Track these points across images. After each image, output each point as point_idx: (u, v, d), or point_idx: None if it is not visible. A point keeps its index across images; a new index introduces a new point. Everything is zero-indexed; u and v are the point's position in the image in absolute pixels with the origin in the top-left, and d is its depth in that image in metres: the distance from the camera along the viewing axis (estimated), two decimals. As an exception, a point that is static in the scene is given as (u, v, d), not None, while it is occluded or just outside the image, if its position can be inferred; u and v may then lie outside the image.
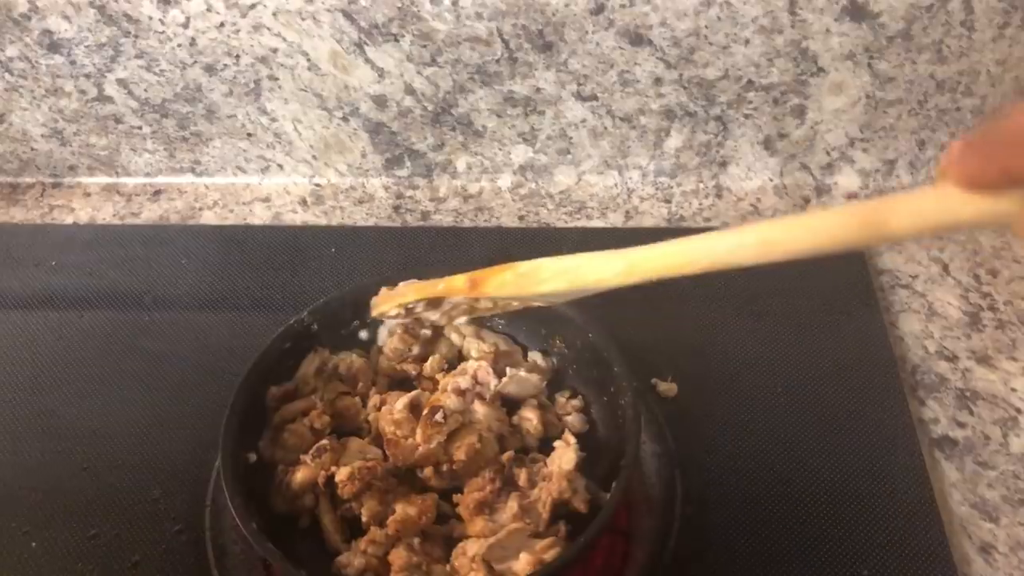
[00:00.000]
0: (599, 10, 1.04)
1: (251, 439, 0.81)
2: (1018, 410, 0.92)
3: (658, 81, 1.11)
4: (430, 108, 1.16)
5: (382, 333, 0.91)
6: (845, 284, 1.06)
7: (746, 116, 1.14)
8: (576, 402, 0.87)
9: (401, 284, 0.79)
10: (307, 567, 0.69)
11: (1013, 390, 0.94)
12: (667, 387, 0.95)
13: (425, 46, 1.09)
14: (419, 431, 0.79)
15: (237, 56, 1.12)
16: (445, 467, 0.79)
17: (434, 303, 0.76)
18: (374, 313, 0.80)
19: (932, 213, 0.54)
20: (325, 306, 0.89)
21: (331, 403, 0.86)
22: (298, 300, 1.06)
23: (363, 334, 0.91)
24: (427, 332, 0.90)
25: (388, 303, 0.79)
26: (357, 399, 0.87)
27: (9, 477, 0.91)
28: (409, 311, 0.78)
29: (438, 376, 0.88)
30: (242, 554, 0.83)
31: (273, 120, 1.19)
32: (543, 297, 0.70)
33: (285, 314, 0.88)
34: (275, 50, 1.12)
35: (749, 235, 0.59)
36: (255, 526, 0.71)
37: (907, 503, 0.84)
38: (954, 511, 0.85)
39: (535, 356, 0.90)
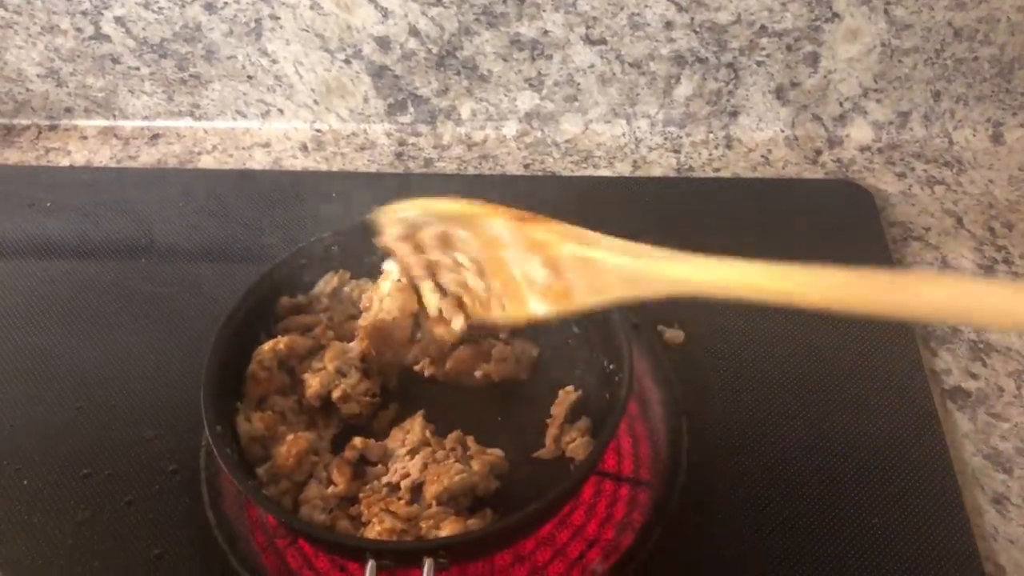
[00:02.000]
0: (610, -51, 1.01)
1: (251, 341, 0.80)
2: (1033, 362, 0.91)
3: (669, 25, 1.08)
4: (434, 51, 1.13)
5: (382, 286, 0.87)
6: (857, 236, 1.04)
7: (758, 63, 1.11)
8: (583, 423, 0.80)
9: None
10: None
11: (1028, 342, 0.92)
12: (674, 334, 0.93)
13: (430, -15, 1.06)
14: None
15: (237, -7, 1.10)
16: None
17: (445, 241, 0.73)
18: (385, 232, 0.76)
19: None
20: (349, 230, 0.87)
21: (339, 324, 0.84)
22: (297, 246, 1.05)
23: (386, 265, 0.89)
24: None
25: (402, 212, 0.74)
26: None
27: (1, 416, 0.89)
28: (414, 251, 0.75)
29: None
30: (237, 495, 0.81)
31: (274, 62, 1.17)
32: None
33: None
34: (276, -13, 1.09)
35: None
36: (219, 428, 0.72)
37: (919, 454, 0.82)
38: (967, 462, 0.83)
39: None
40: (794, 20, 1.06)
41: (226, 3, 1.10)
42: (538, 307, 0.69)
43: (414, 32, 1.11)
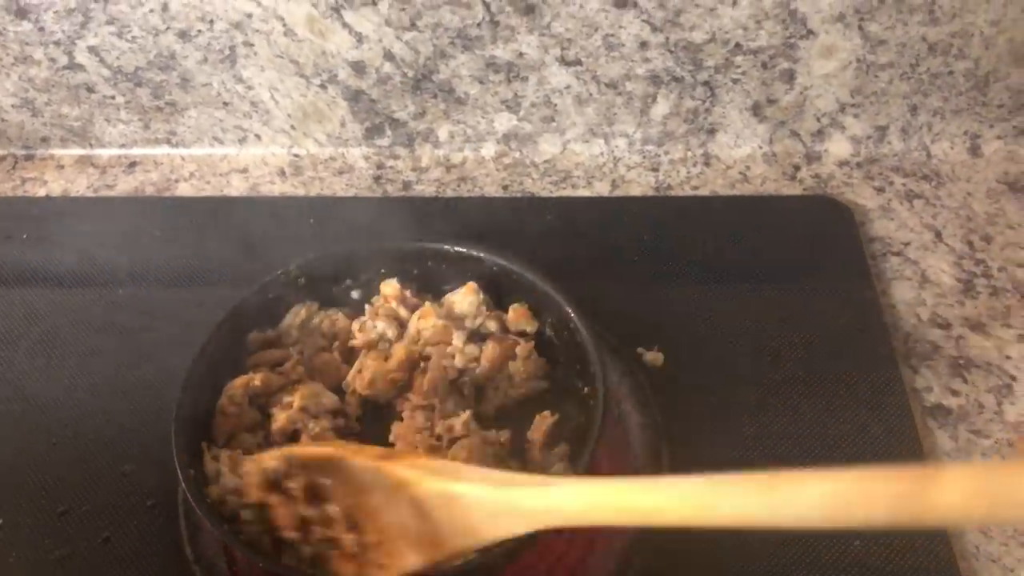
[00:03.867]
0: (583, -29, 1.01)
1: (221, 380, 0.79)
2: (1013, 378, 0.90)
3: (644, 45, 1.08)
4: (410, 75, 1.13)
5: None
6: (835, 252, 1.04)
7: (734, 81, 1.11)
8: (560, 449, 0.78)
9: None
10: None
11: (1008, 357, 0.92)
12: (653, 356, 0.92)
13: (404, 9, 1.06)
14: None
15: (211, 21, 1.09)
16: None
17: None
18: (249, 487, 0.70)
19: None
20: (314, 261, 0.86)
21: (310, 358, 0.83)
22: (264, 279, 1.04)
23: (355, 294, 0.89)
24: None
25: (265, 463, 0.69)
26: (337, 355, 0.85)
27: (-25, 453, 0.89)
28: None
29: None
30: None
31: (249, 88, 1.16)
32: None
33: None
34: (250, 15, 1.08)
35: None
36: (192, 472, 0.70)
37: (900, 472, 0.82)
38: (948, 480, 0.82)
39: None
40: (769, 38, 1.06)
41: (199, 31, 1.10)
42: (415, 558, 0.63)
43: (389, 56, 1.11)
